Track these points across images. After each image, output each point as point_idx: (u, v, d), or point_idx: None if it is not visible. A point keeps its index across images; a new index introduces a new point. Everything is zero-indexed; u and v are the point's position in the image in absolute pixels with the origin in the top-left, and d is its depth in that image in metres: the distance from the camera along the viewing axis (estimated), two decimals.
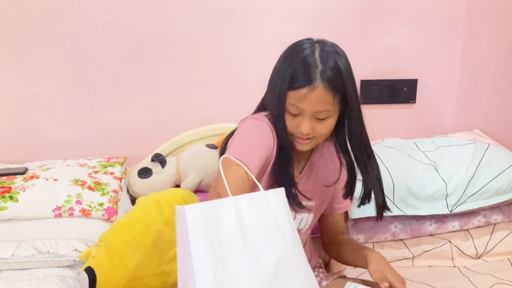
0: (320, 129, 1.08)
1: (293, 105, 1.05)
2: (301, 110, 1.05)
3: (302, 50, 1.08)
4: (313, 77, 1.03)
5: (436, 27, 1.93)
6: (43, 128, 1.74)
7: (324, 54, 1.07)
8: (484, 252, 1.55)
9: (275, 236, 0.91)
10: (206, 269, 0.83)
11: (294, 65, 1.06)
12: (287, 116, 1.08)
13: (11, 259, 1.30)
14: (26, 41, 1.65)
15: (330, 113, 1.07)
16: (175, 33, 1.74)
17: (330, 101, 1.05)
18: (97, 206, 1.40)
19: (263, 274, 0.87)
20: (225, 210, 0.88)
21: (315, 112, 1.05)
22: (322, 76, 1.03)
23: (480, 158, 1.58)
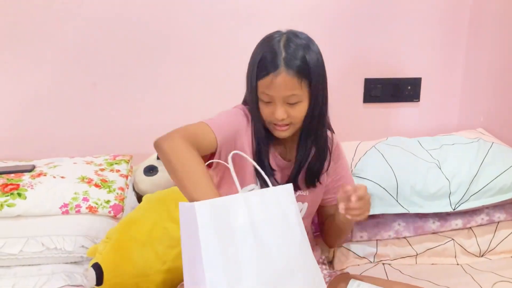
0: (294, 113, 1.11)
1: (263, 93, 1.09)
2: (271, 97, 1.09)
3: (271, 40, 1.11)
4: (277, 64, 1.06)
5: (440, 25, 1.94)
6: (50, 126, 1.75)
7: (289, 42, 1.09)
8: (487, 250, 1.56)
9: (284, 232, 0.92)
10: (216, 266, 0.83)
11: (262, 54, 1.10)
12: (261, 105, 1.12)
13: (20, 255, 1.32)
14: (33, 39, 1.67)
15: (299, 97, 1.09)
16: (181, 33, 1.75)
17: (296, 85, 1.07)
18: (104, 204, 1.42)
19: (273, 270, 0.88)
20: (235, 206, 0.89)
21: (285, 97, 1.08)
22: (285, 62, 1.07)
23: (484, 157, 1.58)
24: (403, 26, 1.91)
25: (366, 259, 1.54)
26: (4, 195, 1.36)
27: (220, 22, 1.76)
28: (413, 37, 1.92)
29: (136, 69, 1.76)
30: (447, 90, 2.02)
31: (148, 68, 1.76)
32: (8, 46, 1.66)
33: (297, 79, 1.07)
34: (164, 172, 1.65)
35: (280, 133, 1.14)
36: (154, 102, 1.80)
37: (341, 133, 1.67)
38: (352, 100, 1.96)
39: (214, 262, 0.84)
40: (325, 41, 1.90)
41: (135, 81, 1.77)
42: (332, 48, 1.88)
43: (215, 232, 0.85)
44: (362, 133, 1.85)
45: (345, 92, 1.94)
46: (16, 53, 1.67)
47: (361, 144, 1.66)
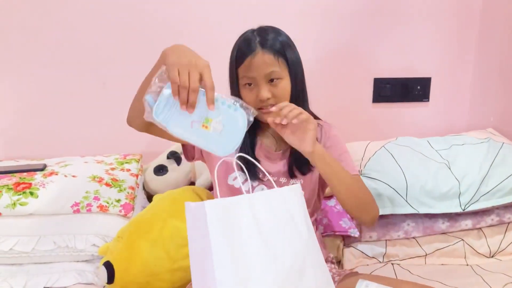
0: (278, 92, 1.14)
1: (245, 77, 1.15)
2: (252, 78, 1.14)
3: (244, 34, 1.20)
4: (252, 47, 1.14)
5: (450, 25, 1.93)
6: (61, 125, 1.77)
7: (261, 29, 1.19)
8: (498, 251, 1.55)
9: (291, 231, 0.93)
10: (225, 265, 0.84)
11: (238, 45, 1.18)
12: (245, 93, 1.16)
13: (32, 253, 1.34)
14: (44, 39, 1.69)
15: (279, 73, 1.14)
16: (192, 32, 1.75)
17: (274, 62, 1.13)
18: (114, 202, 1.43)
19: (281, 269, 0.89)
20: (241, 206, 0.90)
21: (266, 75, 1.13)
22: (260, 43, 1.14)
23: (494, 157, 1.58)
24: (413, 25, 1.90)
25: (375, 259, 1.54)
26: (17, 194, 1.38)
27: (231, 20, 1.76)
28: (423, 36, 1.92)
29: (146, 68, 1.75)
30: (457, 90, 2.01)
31: None
32: (19, 45, 1.68)
33: (274, 56, 1.14)
34: (174, 172, 1.66)
35: (268, 116, 1.13)
36: None
37: (350, 133, 1.68)
38: (361, 99, 1.95)
39: (223, 261, 0.84)
40: (334, 40, 1.91)
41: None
42: (341, 47, 1.88)
43: (223, 232, 0.86)
44: (371, 133, 1.85)
45: (354, 91, 1.94)
46: (26, 53, 1.69)
47: (370, 144, 1.66)
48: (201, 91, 0.94)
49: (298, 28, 1.82)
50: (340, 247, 1.54)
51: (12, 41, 1.68)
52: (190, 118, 0.94)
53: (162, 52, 1.04)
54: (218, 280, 0.83)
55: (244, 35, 1.20)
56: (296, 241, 0.93)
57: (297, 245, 0.93)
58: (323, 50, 1.87)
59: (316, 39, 1.85)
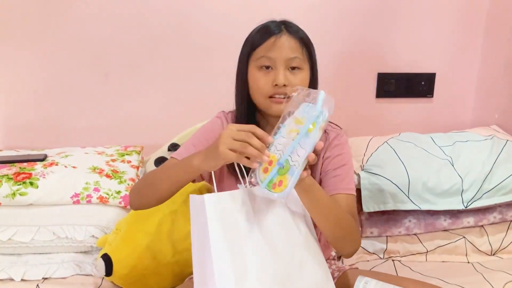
0: (295, 82, 1.07)
1: (264, 57, 1.07)
2: (273, 60, 1.06)
3: (265, 22, 1.13)
4: (277, 29, 1.08)
5: (456, 21, 1.91)
6: (62, 116, 1.76)
7: (284, 20, 1.13)
8: (499, 248, 1.54)
9: (290, 227, 0.93)
10: (224, 259, 0.84)
11: (254, 32, 1.12)
12: (259, 75, 1.08)
13: (31, 243, 1.33)
14: (46, 29, 1.68)
15: (301, 62, 1.08)
16: (194, 25, 1.74)
17: (299, 49, 1.08)
18: (115, 194, 1.42)
19: (280, 263, 0.88)
20: (241, 201, 0.89)
21: (287, 60, 1.06)
22: (286, 27, 1.09)
23: (497, 154, 1.57)
24: (418, 20, 1.88)
25: (375, 255, 1.53)
26: (17, 184, 1.37)
27: (234, 14, 1.75)
28: (428, 31, 1.90)
29: (148, 60, 1.76)
30: (461, 86, 2.00)
31: (160, 60, 1.76)
32: (21, 36, 1.67)
33: (300, 43, 1.08)
34: None
35: (278, 106, 1.07)
36: (166, 94, 1.80)
37: (353, 128, 1.66)
38: (365, 95, 1.94)
39: (222, 255, 0.84)
40: (338, 35, 1.90)
41: (147, 72, 1.77)
42: (345, 42, 1.87)
43: (222, 226, 0.86)
44: (374, 128, 1.84)
45: (358, 86, 1.92)
46: (28, 43, 1.68)
47: (373, 140, 1.65)
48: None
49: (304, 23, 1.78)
50: None
51: (13, 32, 1.66)
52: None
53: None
54: (217, 273, 0.83)
55: (265, 23, 1.13)
56: (295, 236, 0.93)
57: (297, 240, 0.93)
58: (327, 45, 1.85)
59: (321, 34, 1.82)
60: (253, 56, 1.09)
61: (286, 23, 1.12)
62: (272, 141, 0.87)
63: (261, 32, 1.10)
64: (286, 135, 0.87)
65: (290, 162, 0.85)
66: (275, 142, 0.87)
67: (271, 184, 0.85)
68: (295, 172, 0.84)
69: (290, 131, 0.87)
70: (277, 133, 0.88)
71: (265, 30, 1.09)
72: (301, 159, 0.85)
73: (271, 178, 0.85)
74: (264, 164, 0.86)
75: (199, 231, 0.88)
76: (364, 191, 1.49)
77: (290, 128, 0.87)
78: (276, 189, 0.85)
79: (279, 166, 0.85)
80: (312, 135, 0.86)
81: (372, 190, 1.49)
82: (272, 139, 0.87)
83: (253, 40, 1.10)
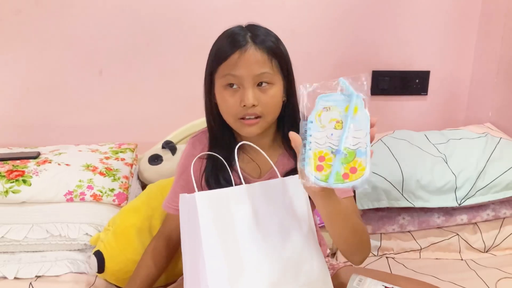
0: (265, 99, 0.96)
1: (228, 75, 0.96)
2: (239, 78, 0.95)
3: (229, 29, 1.02)
4: (242, 41, 0.96)
5: (450, 19, 1.91)
6: (56, 113, 1.76)
7: (250, 25, 1.02)
8: (492, 246, 1.55)
9: (290, 223, 0.91)
10: (216, 257, 0.83)
11: (218, 43, 1.00)
12: (226, 96, 0.98)
13: (24, 241, 1.33)
14: (39, 26, 1.67)
15: (271, 77, 0.97)
16: (188, 21, 1.74)
17: (267, 63, 0.96)
18: (108, 192, 1.42)
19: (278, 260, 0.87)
20: (237, 197, 0.88)
21: (255, 77, 0.95)
22: (252, 39, 0.96)
23: (491, 152, 1.57)
24: (413, 18, 1.88)
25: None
26: (10, 182, 1.36)
27: (228, 11, 1.74)
28: (422, 29, 1.90)
29: (142, 58, 1.75)
30: (455, 84, 2.00)
31: (154, 57, 1.75)
32: (14, 33, 1.66)
33: (268, 56, 0.96)
34: (169, 161, 1.65)
35: (250, 129, 0.99)
36: (160, 91, 1.80)
37: None
38: None
39: (214, 253, 0.83)
40: (332, 33, 1.90)
41: (141, 69, 1.76)
42: (340, 39, 1.87)
43: (215, 223, 0.85)
44: None
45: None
46: (22, 40, 1.67)
47: None
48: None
49: (298, 20, 1.81)
50: None
51: (6, 29, 1.65)
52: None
53: None
54: (209, 271, 0.83)
55: (230, 30, 1.02)
56: (295, 233, 0.91)
57: (297, 237, 0.91)
58: (322, 42, 1.85)
59: (315, 32, 1.84)
60: (218, 73, 0.99)
61: (252, 31, 0.99)
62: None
63: (225, 45, 0.98)
64: (321, 129, 0.80)
65: (351, 147, 0.79)
66: (312, 140, 0.79)
67: (339, 176, 0.78)
68: (366, 153, 0.78)
69: (331, 121, 0.81)
70: (306, 131, 0.81)
71: (229, 42, 0.97)
72: (363, 139, 0.79)
73: (336, 171, 0.78)
74: (312, 163, 0.78)
75: (190, 229, 0.88)
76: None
77: (324, 120, 0.81)
78: (352, 177, 0.78)
79: (339, 156, 0.78)
80: (360, 115, 0.81)
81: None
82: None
83: (216, 54, 0.99)
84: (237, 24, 1.03)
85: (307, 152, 0.79)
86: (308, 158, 0.78)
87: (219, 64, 0.98)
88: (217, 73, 0.99)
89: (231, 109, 0.98)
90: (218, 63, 0.98)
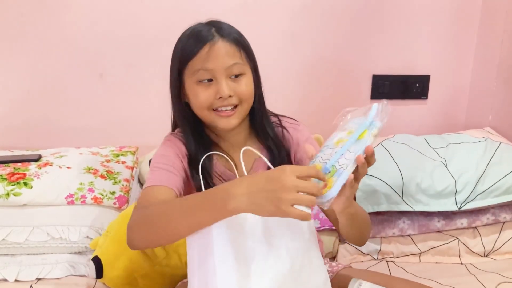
0: (240, 89, 0.98)
1: (201, 70, 0.96)
2: (212, 71, 0.96)
3: (191, 27, 1.03)
4: (209, 36, 0.97)
5: (450, 23, 1.92)
6: (57, 116, 1.76)
7: (214, 21, 1.03)
8: (492, 250, 1.55)
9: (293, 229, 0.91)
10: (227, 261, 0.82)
11: (183, 41, 1.00)
12: (199, 90, 0.98)
13: (25, 243, 1.33)
14: (41, 29, 1.67)
15: (242, 67, 0.98)
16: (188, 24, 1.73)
17: (237, 54, 0.98)
18: (109, 195, 1.42)
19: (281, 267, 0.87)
20: None
21: (227, 69, 0.97)
22: (218, 32, 0.98)
23: (491, 156, 1.57)
24: (413, 22, 1.89)
25: (369, 255, 1.53)
26: (11, 184, 1.37)
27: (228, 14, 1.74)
28: (423, 34, 1.91)
29: (143, 60, 1.76)
30: (455, 88, 2.01)
31: (155, 59, 1.75)
32: (16, 35, 1.67)
33: (236, 47, 0.98)
34: None
35: (228, 121, 1.00)
36: (161, 94, 1.78)
37: None
38: (360, 96, 1.95)
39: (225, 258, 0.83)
40: (332, 36, 1.90)
41: (142, 72, 1.76)
42: (340, 43, 1.87)
43: (226, 228, 0.84)
44: None
45: (353, 88, 1.93)
46: (23, 43, 1.68)
47: None
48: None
49: (298, 24, 1.81)
50: (335, 243, 1.54)
51: (7, 32, 1.66)
52: None
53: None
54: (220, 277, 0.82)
55: (192, 28, 1.02)
56: (298, 240, 0.91)
57: (299, 243, 0.91)
58: (322, 46, 1.86)
59: (315, 36, 1.84)
60: (188, 69, 0.99)
61: (215, 25, 1.01)
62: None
63: (191, 41, 0.98)
64: (332, 146, 0.83)
65: (337, 166, 0.80)
66: (321, 154, 0.82)
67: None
68: (342, 174, 0.79)
69: (338, 141, 0.83)
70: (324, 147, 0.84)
71: (195, 38, 0.98)
72: (349, 161, 0.80)
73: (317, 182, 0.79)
74: None
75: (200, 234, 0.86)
76: (358, 192, 1.50)
77: (338, 138, 0.84)
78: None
79: (324, 172, 0.79)
80: (363, 141, 0.82)
81: (366, 191, 1.49)
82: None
83: (184, 52, 0.99)
84: (197, 22, 1.04)
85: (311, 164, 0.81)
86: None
87: (188, 61, 0.98)
88: (186, 70, 0.99)
89: (205, 102, 0.99)
90: (187, 60, 0.98)
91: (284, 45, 1.80)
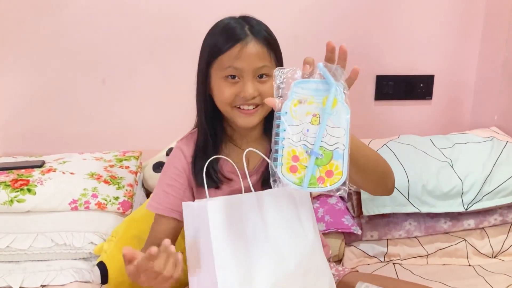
0: (264, 90, 0.97)
1: (230, 67, 0.97)
2: (240, 70, 0.97)
3: (223, 21, 1.03)
4: (243, 34, 0.97)
5: (454, 22, 1.91)
6: (60, 122, 1.76)
7: (245, 17, 1.03)
8: (500, 251, 1.53)
9: (297, 232, 0.91)
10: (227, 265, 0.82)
11: (215, 35, 1.01)
12: (225, 85, 0.98)
13: (29, 250, 1.33)
14: (44, 35, 1.67)
15: (270, 69, 0.97)
16: (191, 28, 1.74)
17: (267, 56, 0.98)
18: (113, 200, 1.42)
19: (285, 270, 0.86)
20: (248, 206, 0.87)
21: (256, 70, 0.97)
22: (251, 31, 0.98)
23: (497, 156, 1.56)
24: (417, 22, 1.88)
25: (376, 258, 1.52)
26: (14, 191, 1.36)
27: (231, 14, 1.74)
28: (427, 34, 1.90)
29: (145, 65, 1.76)
30: (460, 88, 1.99)
31: (158, 64, 1.76)
32: (18, 42, 1.67)
33: (267, 49, 0.98)
34: None
35: (248, 119, 1.00)
36: (163, 99, 1.80)
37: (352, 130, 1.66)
38: (364, 97, 1.94)
39: (225, 261, 0.83)
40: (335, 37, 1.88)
41: (144, 77, 1.76)
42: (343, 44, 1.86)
43: (226, 231, 0.84)
44: (373, 131, 1.83)
45: (356, 89, 1.88)
46: (26, 49, 1.68)
47: (372, 142, 1.64)
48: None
49: (301, 24, 1.81)
50: (341, 246, 1.53)
51: (10, 37, 1.66)
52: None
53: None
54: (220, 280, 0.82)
55: (224, 22, 1.03)
56: (302, 242, 0.91)
57: (303, 246, 0.91)
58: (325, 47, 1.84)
59: (319, 37, 1.83)
60: (217, 63, 0.99)
61: (249, 22, 1.01)
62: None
63: (224, 37, 0.99)
64: (297, 122, 0.74)
65: (327, 147, 0.73)
66: (285, 135, 0.73)
67: (314, 180, 0.73)
68: (343, 155, 0.73)
69: (305, 114, 0.74)
70: (279, 124, 0.74)
71: (228, 34, 0.98)
72: (342, 139, 0.74)
73: (311, 173, 0.72)
74: (285, 162, 0.73)
75: (198, 238, 0.87)
76: (364, 194, 1.49)
77: (300, 112, 0.74)
78: (327, 182, 0.73)
79: (314, 156, 0.72)
80: (339, 109, 0.74)
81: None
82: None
83: (215, 46, 0.99)
84: (228, 16, 1.04)
85: (280, 150, 0.73)
86: (281, 157, 0.73)
87: (218, 56, 0.98)
88: (215, 64, 1.00)
89: (229, 99, 0.99)
90: (217, 55, 0.98)
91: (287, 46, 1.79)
